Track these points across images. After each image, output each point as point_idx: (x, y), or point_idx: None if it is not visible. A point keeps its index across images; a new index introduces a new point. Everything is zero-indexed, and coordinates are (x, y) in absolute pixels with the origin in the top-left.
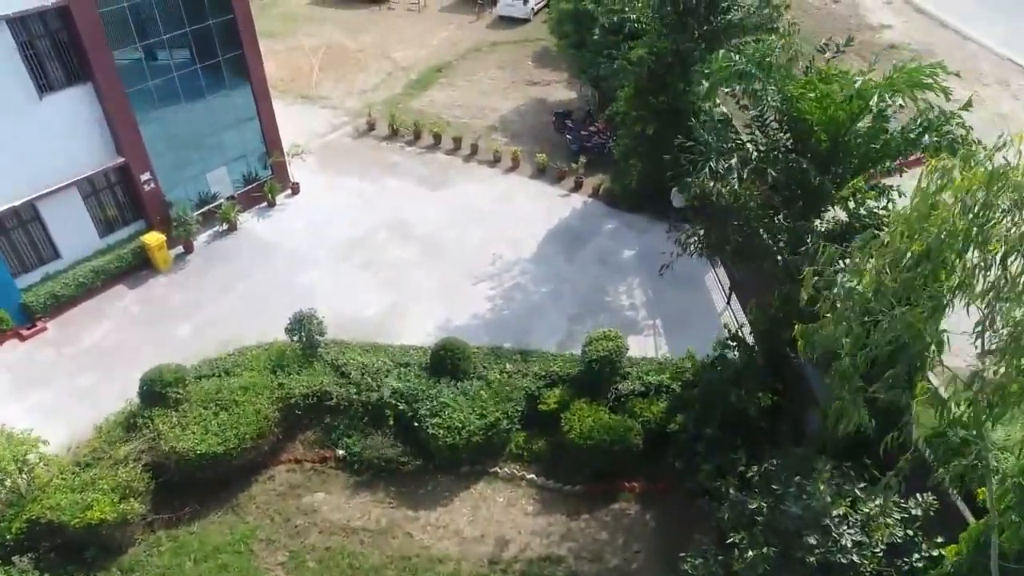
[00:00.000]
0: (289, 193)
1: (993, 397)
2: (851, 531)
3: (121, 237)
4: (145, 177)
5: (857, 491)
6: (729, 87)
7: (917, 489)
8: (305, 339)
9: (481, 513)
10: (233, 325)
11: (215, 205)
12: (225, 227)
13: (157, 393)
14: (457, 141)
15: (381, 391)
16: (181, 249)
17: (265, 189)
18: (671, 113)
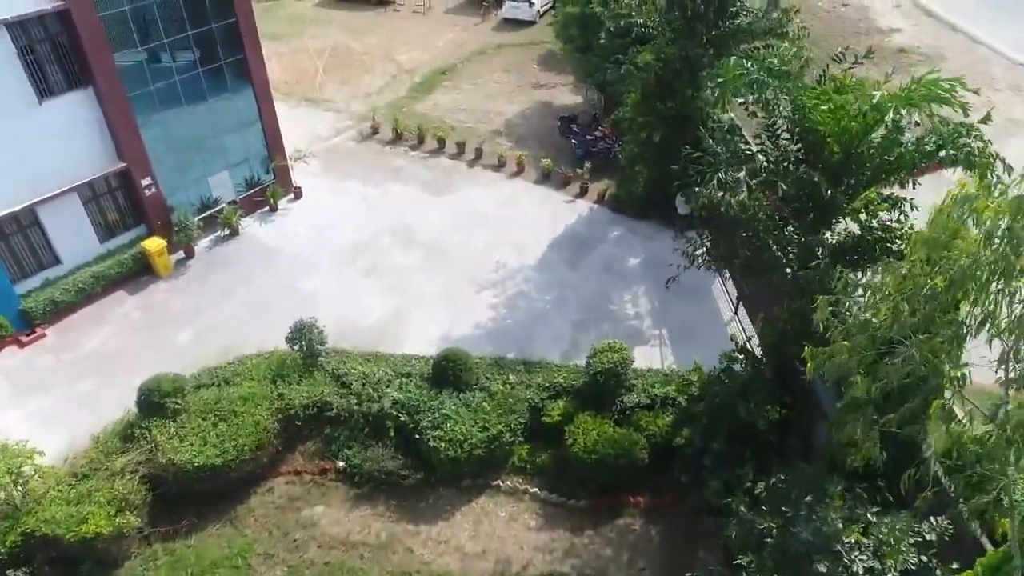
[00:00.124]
0: (292, 197)
1: (1014, 435)
2: (863, 557)
3: (122, 242)
4: (146, 182)
5: (870, 515)
6: (742, 96)
7: (931, 513)
8: (306, 348)
9: (483, 528)
10: (234, 331)
11: (217, 210)
12: (227, 232)
13: (155, 403)
14: (461, 145)
15: (382, 402)
16: (182, 254)
17: (267, 193)
18: (678, 119)
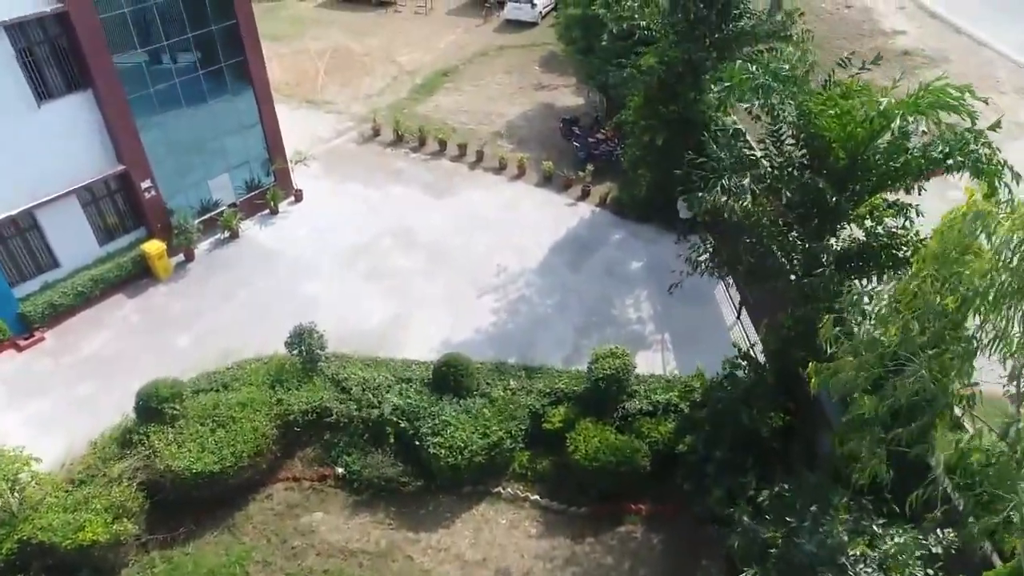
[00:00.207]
0: (292, 200)
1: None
2: (868, 570)
3: (121, 245)
4: (146, 184)
5: (875, 527)
6: (748, 101)
7: (939, 526)
8: (305, 353)
9: (483, 536)
10: (234, 335)
11: (217, 212)
12: (227, 235)
13: (153, 409)
14: (462, 147)
15: (382, 408)
16: (182, 257)
17: (268, 196)
18: (681, 123)
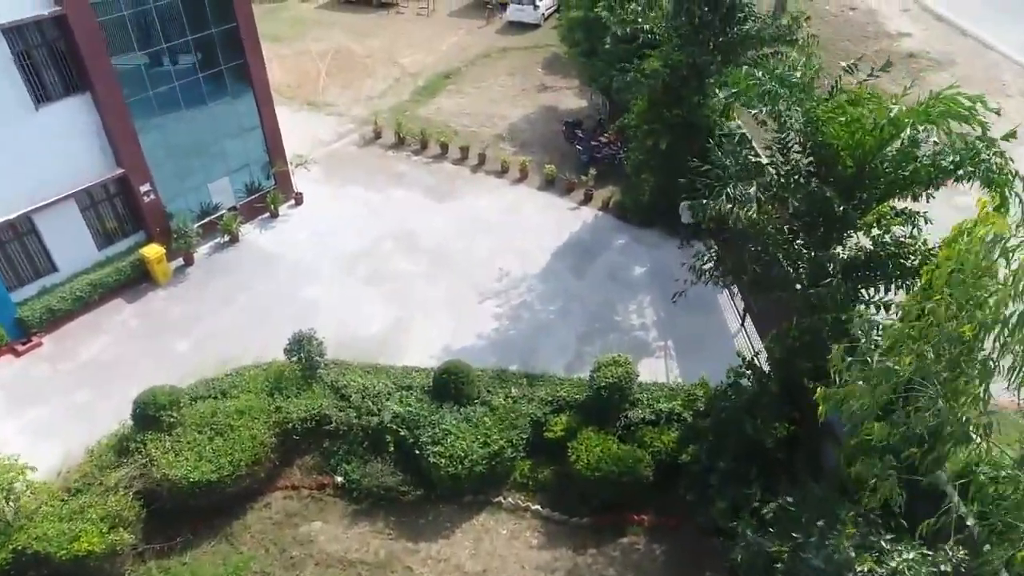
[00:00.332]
0: (292, 203)
1: None
2: None
3: (120, 249)
4: (145, 188)
5: (883, 543)
6: (754, 108)
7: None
8: (304, 360)
9: (484, 546)
10: (233, 340)
11: (217, 216)
12: (227, 239)
13: (150, 416)
14: (464, 150)
15: (382, 415)
16: (181, 261)
17: (268, 199)
18: (685, 127)
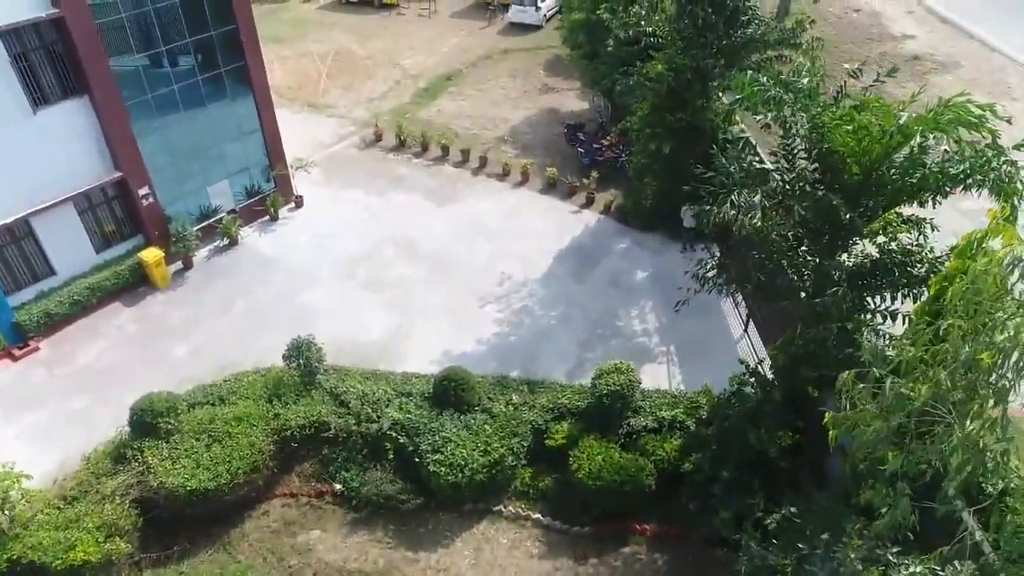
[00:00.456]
0: (292, 206)
1: None
2: None
3: (118, 253)
4: (143, 191)
5: (890, 556)
6: (759, 114)
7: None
8: (303, 367)
9: (484, 556)
10: (231, 345)
11: (216, 219)
12: (226, 242)
13: (148, 423)
14: (466, 153)
15: (381, 423)
16: (180, 265)
17: (268, 202)
18: (688, 131)
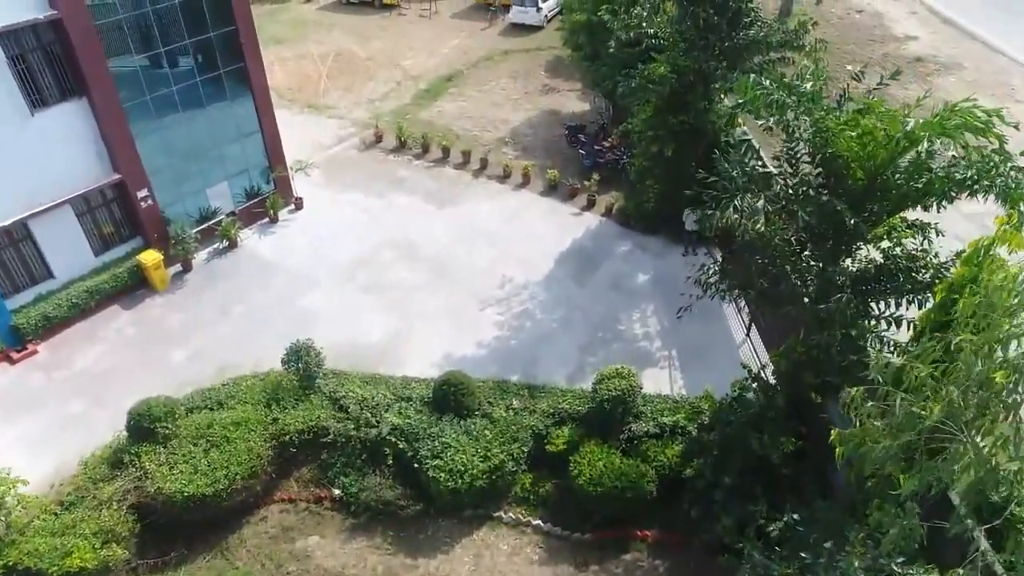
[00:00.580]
0: (292, 208)
1: None
2: None
3: (117, 255)
4: (142, 194)
5: (895, 567)
6: (762, 118)
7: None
8: (302, 371)
9: (484, 562)
10: (230, 349)
11: (215, 221)
12: (225, 244)
13: (145, 428)
14: (466, 155)
15: (380, 428)
16: (179, 267)
17: (267, 204)
18: (691, 133)
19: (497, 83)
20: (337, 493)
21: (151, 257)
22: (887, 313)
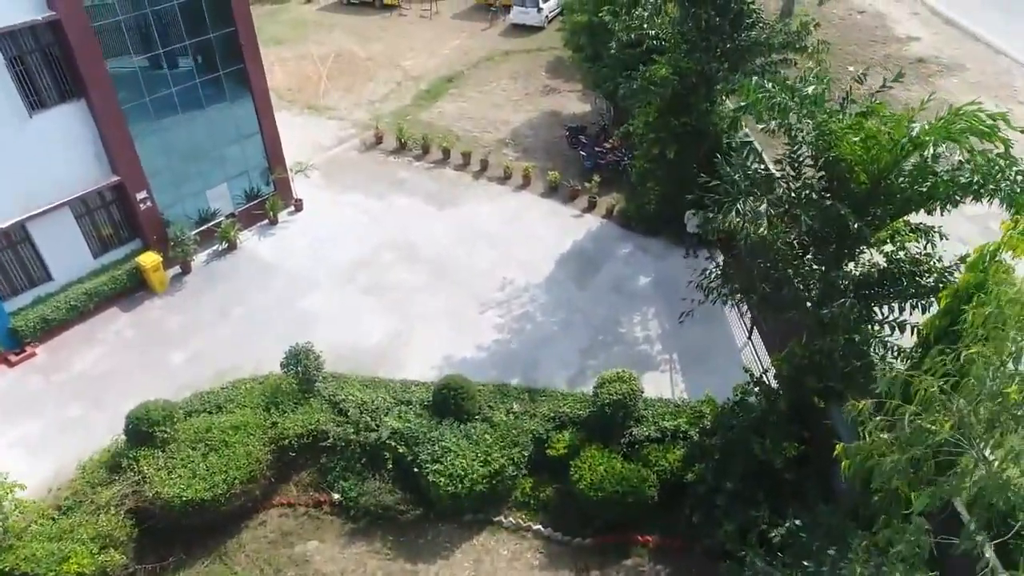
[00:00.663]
0: (292, 210)
1: None
2: None
3: (116, 257)
4: (141, 196)
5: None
6: (764, 122)
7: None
8: (301, 374)
9: (484, 568)
10: (230, 351)
11: (215, 223)
12: (225, 246)
13: (144, 432)
14: (467, 156)
15: (380, 432)
16: (178, 269)
17: (267, 206)
18: (693, 135)
19: (498, 84)
20: (336, 497)
21: (150, 259)
22: (890, 318)
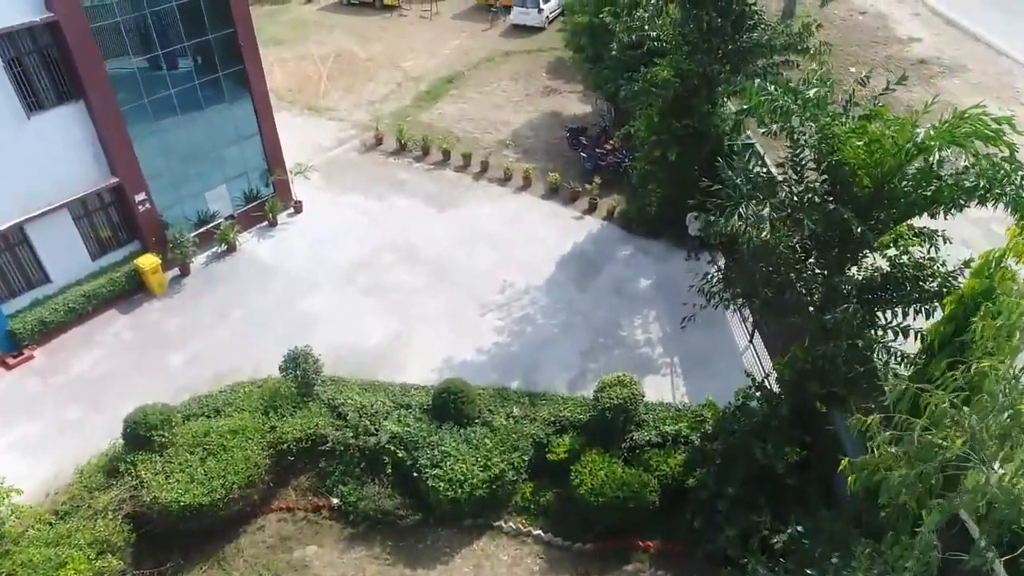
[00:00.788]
0: (291, 212)
1: None
2: None
3: (114, 259)
4: (140, 197)
5: None
6: (765, 126)
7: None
8: (300, 378)
9: (484, 572)
10: (229, 354)
11: (214, 225)
12: (224, 248)
13: (141, 436)
14: (467, 157)
15: (379, 436)
16: (177, 272)
17: (266, 208)
18: (694, 137)
19: (498, 85)
20: (335, 502)
21: (149, 261)
22: (894, 323)
